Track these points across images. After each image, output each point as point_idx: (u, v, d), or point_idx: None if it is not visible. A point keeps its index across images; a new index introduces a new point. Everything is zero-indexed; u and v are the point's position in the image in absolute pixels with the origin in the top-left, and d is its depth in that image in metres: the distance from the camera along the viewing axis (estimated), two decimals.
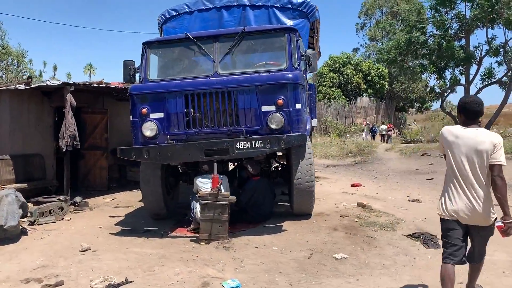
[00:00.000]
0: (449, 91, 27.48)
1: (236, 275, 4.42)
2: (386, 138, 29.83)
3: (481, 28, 24.57)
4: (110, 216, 7.28)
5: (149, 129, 5.83)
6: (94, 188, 9.95)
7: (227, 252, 5.11)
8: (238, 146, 5.43)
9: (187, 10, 7.51)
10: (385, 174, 12.13)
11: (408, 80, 40.06)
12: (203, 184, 5.92)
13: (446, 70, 26.33)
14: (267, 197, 6.30)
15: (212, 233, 5.43)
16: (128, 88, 9.29)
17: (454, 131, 3.30)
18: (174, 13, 7.54)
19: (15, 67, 30.43)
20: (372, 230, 5.64)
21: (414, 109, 49.06)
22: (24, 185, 8.39)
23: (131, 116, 6.04)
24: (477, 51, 24.47)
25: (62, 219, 7.01)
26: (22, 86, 8.18)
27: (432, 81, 33.55)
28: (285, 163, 7.18)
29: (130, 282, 4.27)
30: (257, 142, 5.40)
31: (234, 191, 6.26)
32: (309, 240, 5.37)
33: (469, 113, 3.28)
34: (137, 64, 6.53)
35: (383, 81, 39.34)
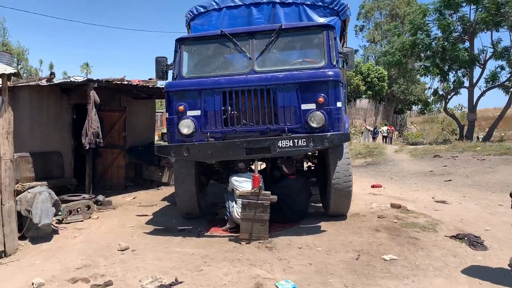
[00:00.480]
0: (452, 93, 27.65)
1: (286, 276, 4.32)
2: (387, 139, 29.89)
3: (485, 31, 24.74)
4: (137, 215, 7.15)
5: (186, 127, 5.71)
6: (111, 187, 9.80)
7: (271, 252, 5.00)
8: (280, 145, 5.33)
9: (216, 7, 7.38)
10: (401, 176, 12.09)
11: (407, 83, 40.28)
12: (239, 183, 5.82)
13: (450, 73, 26.50)
14: (302, 196, 6.21)
15: (252, 232, 5.33)
16: (148, 86, 9.22)
17: None
18: (202, 10, 7.41)
19: (16, 65, 30.09)
20: (414, 231, 5.56)
21: (411, 111, 49.22)
22: (44, 183, 8.17)
23: (167, 114, 5.92)
24: (482, 54, 24.62)
25: (89, 217, 6.88)
26: (44, 82, 8.02)
27: (436, 83, 33.78)
28: (316, 162, 7.09)
29: (181, 282, 4.16)
30: (299, 140, 5.31)
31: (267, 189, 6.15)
32: (352, 241, 5.28)
33: None
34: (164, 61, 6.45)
35: (383, 83, 39.40)
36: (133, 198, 8.89)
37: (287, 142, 5.31)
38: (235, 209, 5.76)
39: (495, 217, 6.54)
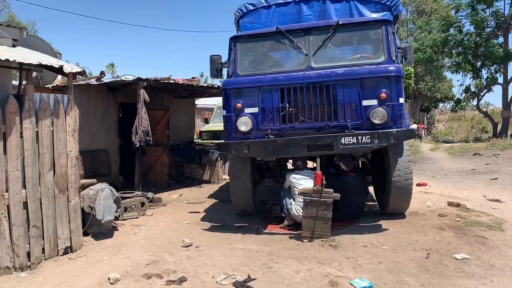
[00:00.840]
0: (485, 90, 26.96)
1: (358, 274, 4.26)
2: (417, 137, 29.37)
3: None
4: (189, 212, 7.22)
5: (244, 124, 5.72)
6: (155, 185, 9.91)
7: (336, 250, 4.95)
8: (343, 141, 5.27)
9: (265, 4, 7.33)
10: (442, 174, 11.83)
11: (434, 80, 39.44)
12: (297, 180, 5.78)
13: (483, 69, 25.82)
14: (360, 194, 6.13)
15: (315, 230, 5.28)
16: (192, 84, 9.28)
17: None
18: (251, 8, 7.37)
19: None
20: (480, 230, 5.42)
21: (438, 108, 48.13)
22: (94, 180, 8.34)
23: (224, 111, 5.93)
24: None
25: (143, 214, 6.96)
26: (94, 82, 8.16)
27: (468, 80, 32.86)
28: (370, 159, 6.98)
29: (254, 279, 4.15)
30: (364, 137, 5.23)
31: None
32: (418, 240, 5.17)
33: None
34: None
35: (409, 80, 38.63)
36: (179, 195, 8.97)
37: (350, 139, 5.25)
38: (293, 206, 5.73)
39: None
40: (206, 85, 9.61)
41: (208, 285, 4.03)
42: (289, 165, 7.60)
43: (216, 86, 10.04)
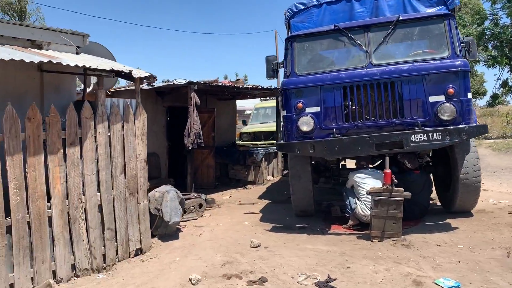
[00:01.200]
0: None
1: (439, 273, 4.15)
2: None
3: None
4: (245, 213, 7.24)
5: (305, 124, 5.69)
6: (201, 186, 9.99)
7: (410, 250, 4.86)
8: (413, 139, 5.17)
9: (316, 3, 7.29)
10: (491, 171, 11.47)
11: None
12: (362, 180, 5.71)
13: None
14: (425, 192, 6.00)
15: (385, 230, 5.20)
16: (238, 86, 9.33)
17: None
18: (301, 7, 7.34)
19: None
20: None
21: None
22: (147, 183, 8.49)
23: (284, 111, 5.93)
24: None
25: (202, 215, 7.02)
26: (145, 86, 8.28)
27: (506, 74, 31.81)
28: (431, 156, 6.84)
29: (335, 279, 4.11)
30: (435, 134, 5.12)
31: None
32: (494, 238, 5.03)
33: None
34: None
35: None
36: (229, 196, 9.02)
37: (420, 136, 5.15)
38: (359, 206, 5.66)
39: None
40: (251, 86, 9.63)
41: (291, 286, 4.02)
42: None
43: (260, 87, 10.06)
